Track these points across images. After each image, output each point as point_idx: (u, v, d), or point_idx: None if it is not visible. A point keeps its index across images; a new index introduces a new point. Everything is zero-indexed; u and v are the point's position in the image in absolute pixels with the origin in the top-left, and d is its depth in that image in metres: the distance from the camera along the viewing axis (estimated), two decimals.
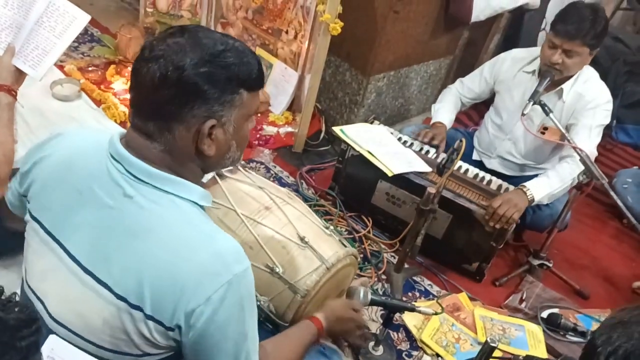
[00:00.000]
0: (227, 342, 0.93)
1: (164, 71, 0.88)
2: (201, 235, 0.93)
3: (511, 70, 2.28)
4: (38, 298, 0.99)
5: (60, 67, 2.69)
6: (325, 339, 1.39)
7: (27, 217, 1.03)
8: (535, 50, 2.21)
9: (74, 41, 1.58)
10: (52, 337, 0.92)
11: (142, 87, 0.91)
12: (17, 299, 0.69)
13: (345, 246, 1.37)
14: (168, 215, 0.92)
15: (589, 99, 2.10)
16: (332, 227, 1.42)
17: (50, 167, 1.01)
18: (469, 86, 2.42)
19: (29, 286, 1.02)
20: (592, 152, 2.03)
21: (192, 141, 0.93)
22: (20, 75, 1.52)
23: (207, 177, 1.38)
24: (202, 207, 0.99)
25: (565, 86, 2.13)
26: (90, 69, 2.81)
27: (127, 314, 0.90)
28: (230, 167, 1.48)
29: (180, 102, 0.90)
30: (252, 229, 1.28)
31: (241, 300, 0.93)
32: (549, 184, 2.02)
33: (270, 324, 1.30)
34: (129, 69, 2.47)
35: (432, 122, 2.39)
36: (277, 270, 1.22)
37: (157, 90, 0.90)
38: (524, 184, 2.02)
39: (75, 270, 0.94)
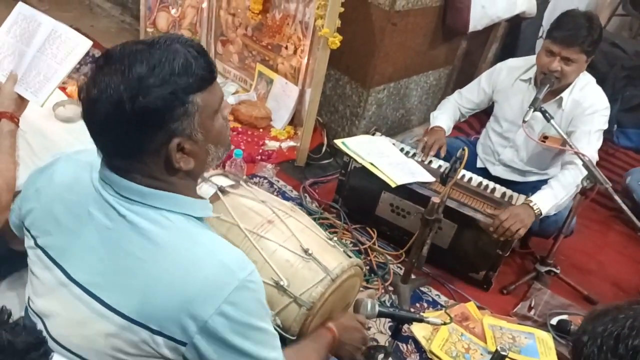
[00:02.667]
0: (248, 342, 0.92)
1: (106, 113, 0.85)
2: (202, 248, 0.93)
3: (508, 79, 2.29)
4: (42, 321, 0.99)
5: (63, 89, 2.70)
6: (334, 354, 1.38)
7: (30, 243, 1.03)
8: (531, 59, 2.23)
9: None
10: (55, 356, 0.91)
11: (95, 131, 0.90)
12: (25, 322, 0.70)
13: (350, 257, 1.37)
14: (165, 232, 0.92)
15: (586, 105, 2.11)
16: (335, 239, 1.42)
17: (49, 195, 1.01)
18: (467, 97, 2.43)
19: (33, 310, 1.02)
20: (593, 156, 2.03)
21: (166, 163, 0.91)
22: (22, 102, 1.53)
23: (209, 193, 1.38)
24: (200, 219, 0.98)
25: (564, 94, 2.14)
26: None
27: (132, 333, 0.90)
28: (232, 183, 1.48)
29: (136, 136, 0.88)
30: (255, 243, 1.27)
31: (253, 302, 0.93)
32: (554, 195, 2.02)
33: None
34: None
35: (430, 127, 2.40)
36: (282, 283, 1.22)
37: (108, 132, 0.88)
38: (530, 198, 2.01)
39: (79, 294, 0.93)
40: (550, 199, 2.01)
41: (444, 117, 2.40)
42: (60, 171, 1.04)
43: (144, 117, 0.85)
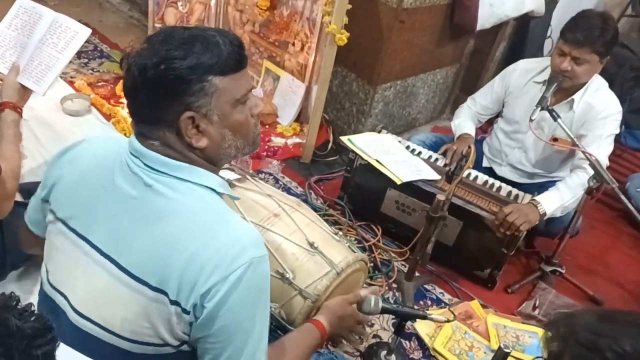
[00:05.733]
0: (234, 328, 0.93)
1: (133, 77, 0.93)
2: (220, 219, 0.96)
3: (521, 80, 2.28)
4: (61, 294, 1.01)
5: (71, 83, 2.72)
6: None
7: (51, 217, 1.05)
8: (546, 61, 2.21)
9: (84, 57, 1.62)
10: (62, 345, 0.92)
11: (127, 95, 0.98)
12: (33, 309, 0.70)
13: (354, 251, 1.37)
14: (187, 200, 0.95)
15: (599, 109, 2.09)
16: (340, 233, 1.42)
17: (77, 170, 1.05)
18: (481, 103, 2.41)
19: (51, 285, 1.04)
20: (602, 161, 2.00)
21: (179, 135, 0.96)
22: (25, 92, 1.55)
23: None
24: (220, 195, 1.01)
25: (576, 96, 2.12)
26: (99, 84, 2.85)
27: (150, 298, 0.92)
28: (239, 176, 1.49)
29: (155, 102, 0.94)
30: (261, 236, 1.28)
31: (256, 286, 0.94)
32: (560, 197, 2.01)
33: (281, 331, 1.30)
34: None
35: (457, 134, 2.37)
36: (288, 276, 1.22)
37: (134, 96, 0.96)
38: (535, 197, 2.00)
39: (101, 260, 0.96)
40: (556, 200, 2.00)
41: (468, 123, 2.38)
42: (86, 147, 1.09)
43: (163, 84, 0.91)
